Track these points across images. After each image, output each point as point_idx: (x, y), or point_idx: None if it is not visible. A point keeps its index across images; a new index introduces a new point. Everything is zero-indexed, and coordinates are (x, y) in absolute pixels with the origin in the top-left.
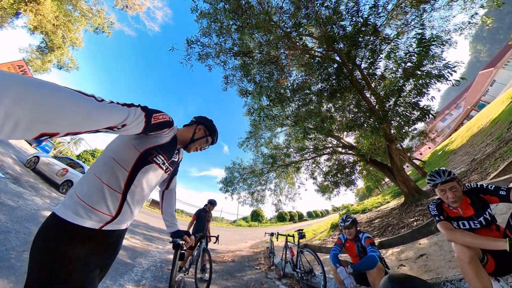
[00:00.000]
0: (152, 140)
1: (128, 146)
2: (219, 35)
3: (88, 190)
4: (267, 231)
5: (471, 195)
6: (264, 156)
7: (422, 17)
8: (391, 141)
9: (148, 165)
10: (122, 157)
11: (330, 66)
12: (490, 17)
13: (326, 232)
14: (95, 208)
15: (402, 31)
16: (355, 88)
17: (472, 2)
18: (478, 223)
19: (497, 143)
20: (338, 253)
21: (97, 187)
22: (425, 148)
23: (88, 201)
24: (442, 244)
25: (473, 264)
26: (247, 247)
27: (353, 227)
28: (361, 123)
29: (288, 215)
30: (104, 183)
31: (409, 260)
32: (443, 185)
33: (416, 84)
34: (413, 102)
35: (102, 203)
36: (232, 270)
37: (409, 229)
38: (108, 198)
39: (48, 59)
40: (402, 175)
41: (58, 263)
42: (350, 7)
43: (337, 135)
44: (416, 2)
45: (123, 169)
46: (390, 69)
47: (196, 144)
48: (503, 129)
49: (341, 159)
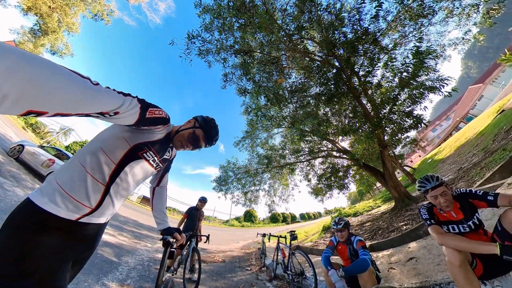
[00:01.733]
0: (145, 135)
1: (119, 138)
2: (221, 31)
3: (70, 177)
4: (259, 231)
5: (461, 199)
6: (260, 157)
7: (420, 30)
8: (384, 147)
9: (137, 160)
10: (111, 148)
11: (329, 71)
12: (482, 34)
13: (318, 234)
14: (74, 198)
15: (400, 42)
16: (352, 94)
17: (467, 20)
18: (467, 227)
19: (483, 154)
20: (329, 256)
21: (80, 175)
22: (415, 156)
23: (68, 189)
24: (430, 248)
25: (463, 267)
26: (238, 248)
27: (346, 230)
28: (357, 129)
29: (281, 216)
30: (88, 172)
31: (399, 263)
32: (434, 190)
33: (411, 93)
34: (407, 111)
35: (82, 193)
36: (222, 271)
37: (399, 233)
38: (90, 188)
39: (41, 43)
40: (394, 180)
41: (27, 253)
42: (352, 15)
43: (332, 139)
44: (415, 16)
45: (110, 160)
46: (386, 77)
47: (179, 136)
48: (489, 141)
49: (335, 162)
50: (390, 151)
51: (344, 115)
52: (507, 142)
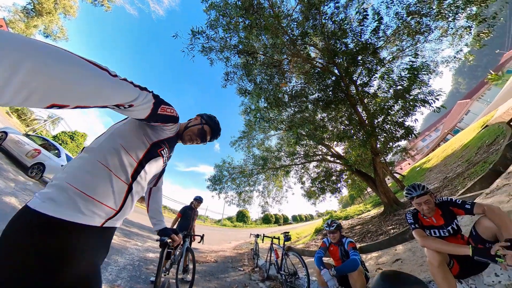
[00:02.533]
0: (162, 133)
1: (138, 134)
2: (226, 30)
3: (92, 179)
4: (252, 232)
5: (442, 207)
6: (255, 157)
7: (416, 46)
8: (376, 154)
9: (156, 157)
10: (132, 146)
11: (328, 78)
12: (472, 54)
13: (309, 236)
14: (99, 200)
15: (397, 56)
16: (349, 102)
17: (459, 40)
18: (447, 232)
19: (466, 165)
20: (322, 256)
21: (104, 176)
22: (405, 164)
23: (91, 191)
24: (415, 250)
25: (441, 267)
26: (230, 248)
27: (337, 231)
28: (351, 135)
29: (273, 217)
30: (111, 171)
31: (386, 264)
32: (418, 198)
33: (404, 105)
34: (399, 121)
35: (109, 194)
36: (215, 271)
37: (387, 236)
38: (116, 189)
39: (34, 24)
40: (384, 186)
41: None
42: (354, 27)
43: (327, 144)
44: (412, 32)
45: (131, 158)
46: (382, 88)
47: (189, 131)
48: (472, 153)
49: (329, 167)
50: (381, 159)
51: (340, 121)
52: (488, 156)
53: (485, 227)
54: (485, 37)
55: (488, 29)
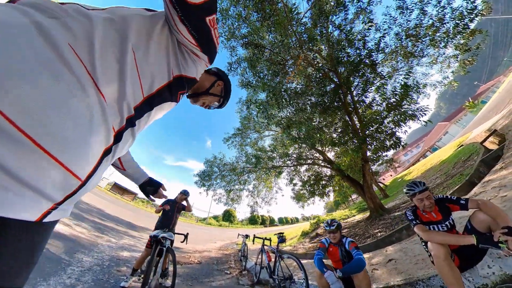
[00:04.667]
0: (192, 68)
1: (162, 53)
2: (238, 18)
3: (50, 96)
4: (240, 232)
5: (439, 203)
6: (248, 156)
7: (409, 66)
8: (366, 161)
9: (171, 102)
10: (148, 65)
11: (328, 84)
12: (457, 81)
13: (296, 239)
14: (65, 163)
15: (392, 74)
16: (344, 109)
17: (447, 67)
18: (445, 226)
19: (445, 177)
20: (322, 257)
21: (78, 93)
22: (387, 175)
23: (50, 137)
24: (406, 251)
25: (447, 260)
26: (216, 248)
27: (338, 231)
28: (345, 142)
29: (260, 218)
30: (99, 89)
31: (380, 265)
32: (421, 194)
33: (395, 118)
34: (390, 132)
35: (81, 143)
36: (198, 274)
37: (374, 239)
38: (94, 130)
39: None
40: (371, 192)
41: None
42: (357, 39)
43: (320, 149)
44: (408, 54)
45: (139, 85)
46: (376, 101)
47: (208, 98)
48: (450, 167)
49: (319, 171)
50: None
51: (335, 127)
52: (464, 169)
53: (480, 220)
54: (469, 65)
55: (472, 57)
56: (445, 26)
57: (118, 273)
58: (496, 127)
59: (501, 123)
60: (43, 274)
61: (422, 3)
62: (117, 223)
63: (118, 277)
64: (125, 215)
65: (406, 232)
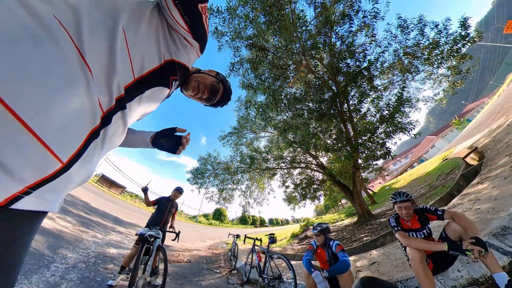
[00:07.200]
0: (184, 54)
1: (153, 35)
2: (245, 18)
3: (30, 65)
4: (231, 232)
5: (419, 213)
6: (243, 156)
7: (404, 81)
8: (357, 169)
9: (163, 87)
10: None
11: (327, 92)
12: (446, 98)
13: (286, 240)
14: (41, 137)
15: (388, 87)
16: (340, 117)
17: (439, 85)
18: (422, 234)
19: (428, 188)
20: (311, 259)
21: (61, 64)
22: (376, 183)
23: (26, 107)
24: (388, 255)
25: (422, 264)
26: (205, 247)
27: (322, 235)
28: (338, 148)
29: (250, 219)
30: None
31: (364, 267)
32: (400, 203)
33: (387, 129)
34: (381, 142)
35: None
36: (188, 273)
37: (360, 243)
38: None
39: None
40: (360, 198)
41: None
42: (358, 52)
43: (313, 154)
44: (404, 69)
45: (129, 66)
46: (370, 112)
47: (199, 77)
48: (434, 179)
49: (312, 175)
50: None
51: (329, 134)
52: (446, 182)
53: (453, 230)
54: (458, 86)
55: (461, 80)
56: (440, 48)
57: (105, 271)
58: (477, 144)
59: (482, 141)
60: (24, 271)
61: (421, 24)
62: (104, 217)
63: (105, 275)
64: (112, 209)
65: (390, 238)
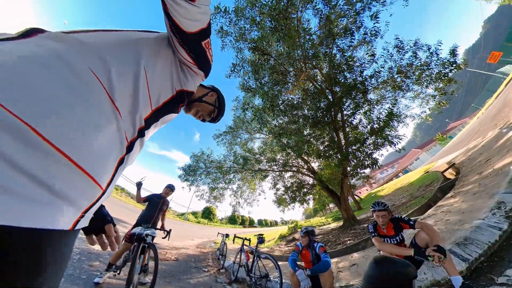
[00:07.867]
0: (191, 82)
1: (166, 70)
2: (252, 22)
3: (84, 115)
4: (220, 231)
5: (395, 222)
6: (236, 156)
7: (395, 97)
8: (345, 176)
9: (173, 113)
10: (156, 81)
11: (322, 101)
12: (431, 117)
13: (273, 241)
14: (92, 174)
15: (380, 101)
16: (333, 126)
17: (426, 104)
18: (395, 240)
19: (409, 197)
20: (296, 259)
21: (104, 111)
22: (364, 189)
23: (83, 153)
24: (367, 257)
25: None
26: (193, 246)
27: (306, 236)
28: (329, 155)
29: (240, 219)
30: (116, 106)
31: (345, 268)
32: (378, 212)
33: (376, 141)
34: (369, 152)
35: (103, 157)
36: (176, 271)
37: (344, 246)
38: (112, 143)
39: None
40: (346, 204)
41: None
42: (356, 66)
43: (305, 159)
44: (396, 86)
45: (148, 100)
46: (362, 123)
47: (201, 106)
48: (415, 190)
49: (302, 179)
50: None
51: (322, 141)
52: (425, 193)
53: (421, 238)
54: (443, 106)
55: (446, 100)
56: (430, 71)
57: (90, 268)
58: (455, 161)
59: (459, 158)
60: None
61: (416, 47)
62: None
63: (90, 272)
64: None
65: (371, 242)
